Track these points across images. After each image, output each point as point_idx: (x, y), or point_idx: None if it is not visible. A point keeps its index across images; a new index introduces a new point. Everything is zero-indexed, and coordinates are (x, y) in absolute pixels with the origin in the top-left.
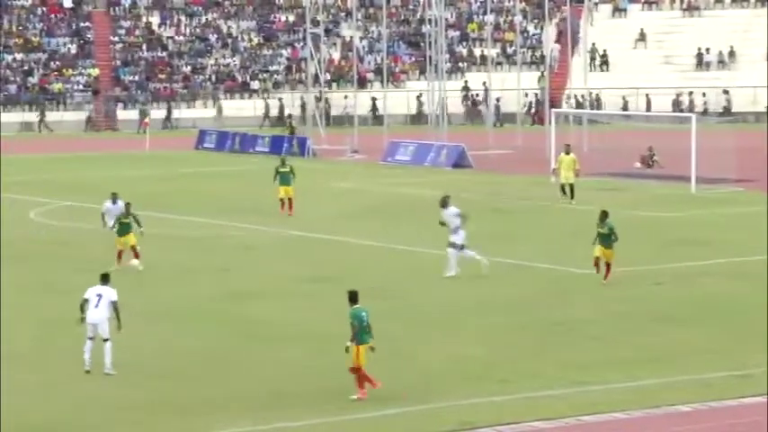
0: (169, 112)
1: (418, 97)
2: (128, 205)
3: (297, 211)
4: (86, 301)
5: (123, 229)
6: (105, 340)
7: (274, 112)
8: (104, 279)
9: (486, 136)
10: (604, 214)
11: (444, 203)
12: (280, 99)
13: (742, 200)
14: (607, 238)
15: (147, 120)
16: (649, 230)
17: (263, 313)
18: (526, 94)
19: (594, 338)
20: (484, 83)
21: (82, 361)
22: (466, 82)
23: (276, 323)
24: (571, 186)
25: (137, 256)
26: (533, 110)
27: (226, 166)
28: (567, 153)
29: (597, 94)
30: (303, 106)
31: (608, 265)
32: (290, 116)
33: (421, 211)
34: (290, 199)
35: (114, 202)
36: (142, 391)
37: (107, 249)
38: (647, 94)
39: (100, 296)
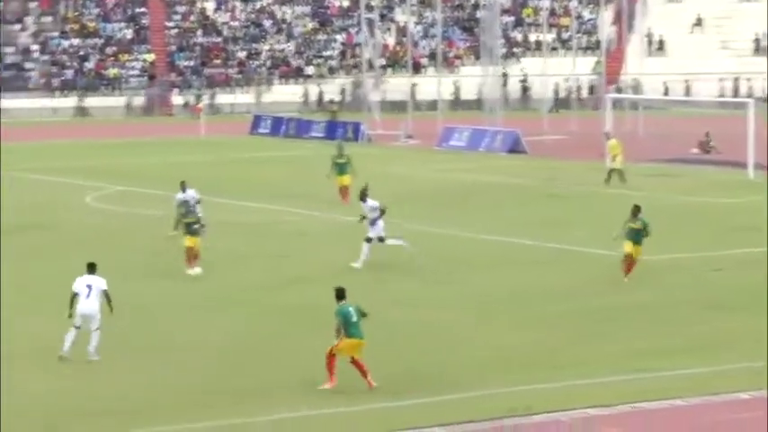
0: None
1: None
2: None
3: (350, 196)
4: (76, 294)
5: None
6: (96, 329)
7: (316, 97)
8: (91, 269)
9: (540, 121)
10: (637, 209)
11: (363, 196)
12: (318, 85)
13: None
14: (638, 234)
15: (200, 105)
16: (706, 217)
17: (317, 299)
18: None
19: (648, 325)
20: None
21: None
22: (522, 70)
23: (330, 309)
24: (620, 172)
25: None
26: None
27: (280, 151)
28: (609, 139)
29: (653, 80)
30: (343, 92)
31: (634, 262)
32: (331, 101)
33: (475, 197)
34: (345, 187)
35: (184, 190)
36: (200, 375)
37: (160, 235)
38: (700, 80)
39: (90, 287)
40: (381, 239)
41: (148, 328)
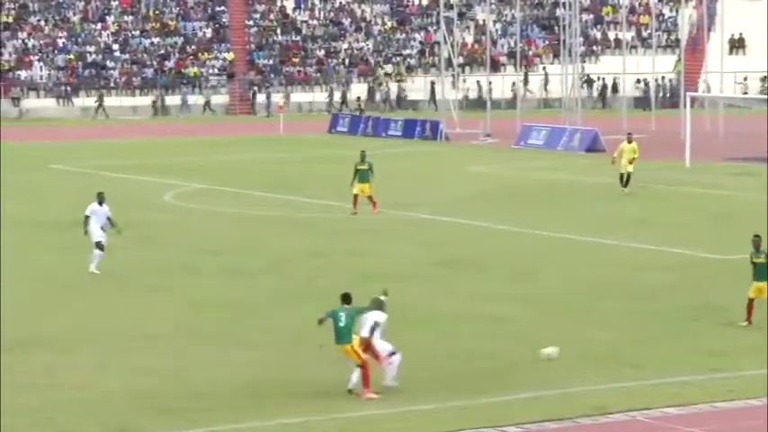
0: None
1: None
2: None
3: (427, 194)
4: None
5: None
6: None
7: (394, 96)
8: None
9: (619, 120)
10: (758, 239)
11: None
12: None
13: None
14: (763, 269)
15: (280, 103)
16: None
17: (393, 296)
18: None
19: (729, 324)
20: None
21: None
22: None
23: (406, 306)
24: (629, 175)
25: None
26: (668, 94)
27: (359, 149)
28: (630, 142)
29: (733, 78)
30: (430, 89)
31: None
32: (358, 99)
33: (554, 196)
34: (369, 197)
35: (101, 203)
36: (273, 371)
37: (236, 230)
38: None
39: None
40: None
41: (242, 321)
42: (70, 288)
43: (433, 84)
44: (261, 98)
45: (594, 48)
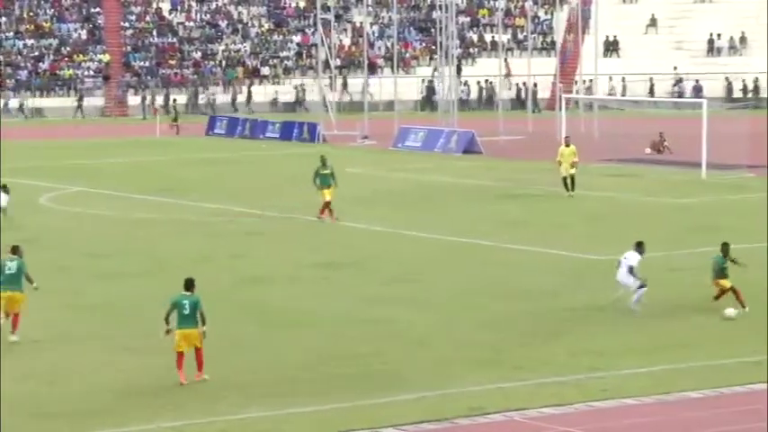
0: (194, 96)
1: (426, 81)
2: (16, 249)
3: (306, 196)
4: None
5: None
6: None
7: (271, 98)
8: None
9: (496, 122)
10: (726, 246)
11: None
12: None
13: (753, 186)
14: (725, 271)
15: (155, 106)
16: (660, 216)
17: (276, 299)
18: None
19: (607, 325)
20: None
21: None
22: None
23: (289, 309)
24: (572, 178)
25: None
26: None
27: (235, 151)
28: (567, 145)
29: (608, 80)
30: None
31: (735, 291)
32: (174, 100)
33: (432, 198)
34: (328, 203)
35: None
36: (156, 373)
37: (116, 233)
38: (655, 80)
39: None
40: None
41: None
42: None
43: (302, 86)
44: (136, 100)
45: (471, 50)
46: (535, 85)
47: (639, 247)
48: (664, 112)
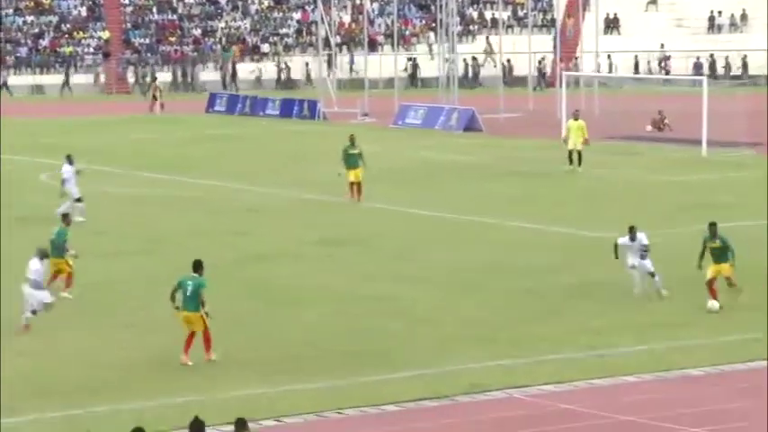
0: (175, 75)
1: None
2: (65, 218)
3: (307, 173)
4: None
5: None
6: None
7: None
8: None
9: (496, 99)
10: (713, 226)
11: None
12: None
13: (753, 163)
14: (722, 254)
15: (156, 83)
16: (661, 194)
17: (278, 276)
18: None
19: (606, 303)
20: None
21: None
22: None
23: (292, 286)
24: (579, 153)
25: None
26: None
27: (235, 128)
28: (576, 119)
29: (608, 58)
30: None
31: (729, 279)
32: (154, 79)
33: (432, 175)
34: (359, 183)
35: (71, 163)
36: (156, 350)
37: (116, 211)
38: (659, 58)
39: None
40: (652, 275)
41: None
42: None
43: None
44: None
45: (471, 27)
46: (540, 61)
47: (632, 232)
48: (662, 90)
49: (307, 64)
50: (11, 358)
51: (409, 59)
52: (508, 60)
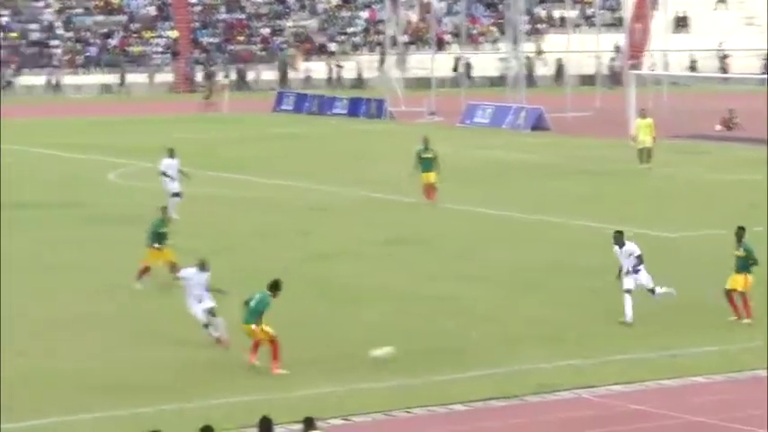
0: (240, 73)
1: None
2: (165, 211)
3: (373, 172)
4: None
5: (160, 238)
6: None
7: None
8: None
9: (564, 98)
10: (742, 230)
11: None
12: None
13: None
14: (743, 264)
15: (223, 82)
16: (729, 193)
17: (343, 275)
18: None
19: (672, 302)
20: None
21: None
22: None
23: (355, 285)
24: (648, 151)
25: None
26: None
27: (302, 127)
28: (644, 117)
29: (677, 56)
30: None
31: (744, 297)
32: (209, 78)
33: (499, 174)
34: (432, 185)
35: (172, 157)
36: (222, 351)
37: (184, 210)
38: (720, 56)
39: None
40: (652, 291)
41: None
42: (12, 269)
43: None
44: (204, 77)
45: (539, 26)
46: (612, 59)
47: (618, 239)
48: (732, 88)
49: (381, 61)
50: (78, 355)
51: (458, 59)
52: (559, 59)
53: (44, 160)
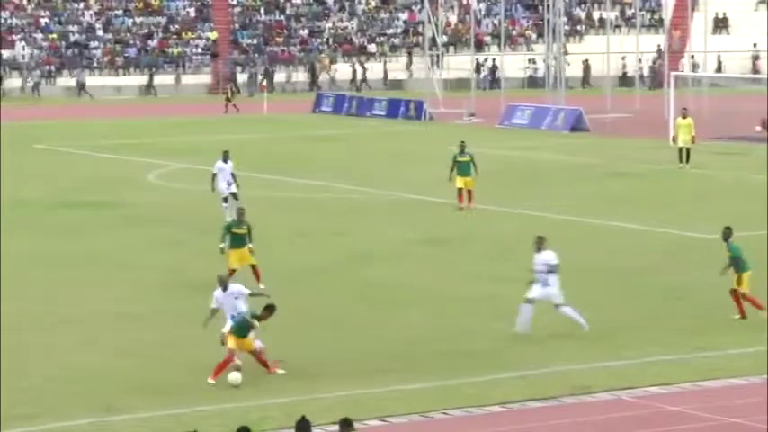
0: (268, 75)
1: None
2: (241, 212)
3: (411, 173)
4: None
5: (237, 241)
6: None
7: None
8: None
9: (603, 100)
10: (728, 230)
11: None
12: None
13: None
14: (735, 265)
15: (263, 83)
16: (765, 195)
17: (379, 276)
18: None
19: (714, 304)
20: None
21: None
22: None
23: (392, 286)
24: (687, 151)
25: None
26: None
27: (342, 129)
28: (684, 117)
29: (718, 57)
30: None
31: (741, 295)
32: (233, 78)
33: (538, 175)
34: (469, 191)
35: (225, 160)
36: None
37: (220, 212)
38: (753, 57)
39: None
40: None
41: None
42: (55, 268)
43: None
44: (243, 78)
45: (578, 27)
46: (655, 61)
47: (542, 242)
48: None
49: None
50: (114, 356)
51: (485, 60)
52: (586, 60)
53: (82, 161)
